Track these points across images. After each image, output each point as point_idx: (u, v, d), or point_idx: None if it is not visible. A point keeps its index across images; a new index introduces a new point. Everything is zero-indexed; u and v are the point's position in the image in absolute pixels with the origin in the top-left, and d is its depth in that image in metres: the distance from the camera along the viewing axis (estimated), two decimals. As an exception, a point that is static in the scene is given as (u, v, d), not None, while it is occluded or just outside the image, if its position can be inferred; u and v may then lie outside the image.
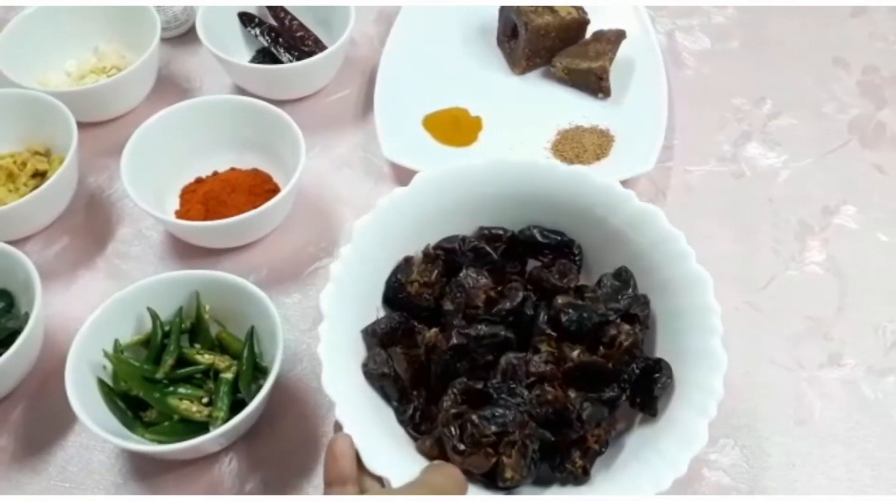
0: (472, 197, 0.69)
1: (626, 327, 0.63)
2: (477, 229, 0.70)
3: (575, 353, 0.62)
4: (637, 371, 0.62)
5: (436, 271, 0.67)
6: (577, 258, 0.69)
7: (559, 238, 0.69)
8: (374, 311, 0.66)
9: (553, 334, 0.64)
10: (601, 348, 0.63)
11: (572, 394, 0.61)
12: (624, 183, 0.82)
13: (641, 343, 0.64)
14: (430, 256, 0.68)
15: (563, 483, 0.61)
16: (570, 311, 0.64)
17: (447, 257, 0.68)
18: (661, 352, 0.64)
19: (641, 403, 0.62)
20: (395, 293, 0.67)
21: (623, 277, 0.67)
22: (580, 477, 0.60)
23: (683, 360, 0.62)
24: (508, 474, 0.57)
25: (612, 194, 0.68)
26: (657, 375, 0.61)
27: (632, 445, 0.61)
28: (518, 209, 0.69)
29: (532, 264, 0.70)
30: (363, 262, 0.65)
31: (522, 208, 0.69)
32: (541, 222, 0.70)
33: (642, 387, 0.62)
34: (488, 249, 0.68)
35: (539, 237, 0.69)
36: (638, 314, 0.65)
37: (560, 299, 0.65)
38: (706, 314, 0.61)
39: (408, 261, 0.68)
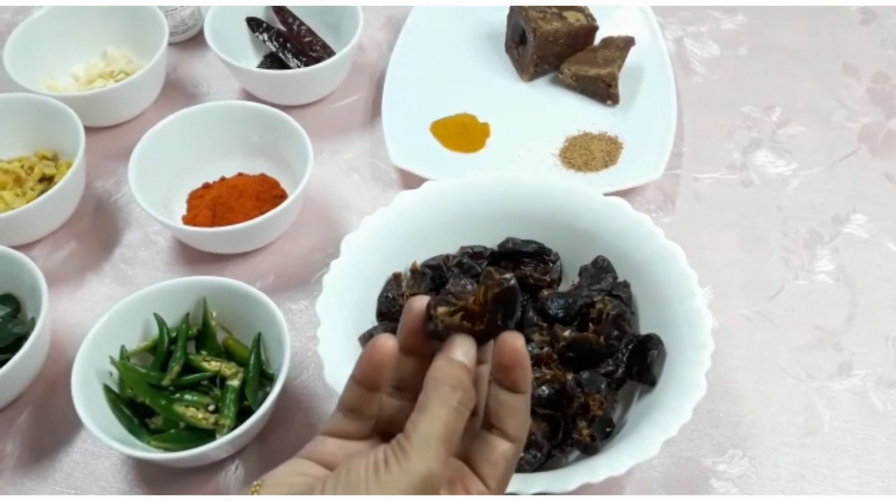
0: (451, 215, 0.73)
1: (611, 299, 0.67)
2: (458, 247, 0.74)
3: (566, 332, 0.65)
4: (629, 348, 0.65)
5: (423, 285, 0.71)
6: (556, 264, 0.73)
7: (536, 246, 0.73)
8: (370, 325, 0.69)
9: (543, 324, 0.68)
10: (590, 325, 0.66)
11: (569, 376, 0.63)
12: (632, 191, 0.83)
13: (628, 318, 0.67)
14: (417, 272, 0.72)
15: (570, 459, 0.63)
16: (556, 299, 0.68)
17: (434, 275, 0.72)
18: (647, 330, 0.67)
19: (638, 374, 0.65)
20: (388, 308, 0.70)
21: (601, 264, 0.71)
22: (589, 446, 0.61)
23: (670, 328, 0.65)
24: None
25: (575, 196, 0.72)
26: (649, 346, 0.65)
27: (635, 416, 0.64)
28: (494, 225, 0.73)
29: None
30: (353, 275, 0.68)
31: (498, 224, 0.73)
32: (515, 235, 0.73)
33: (636, 360, 0.65)
34: (473, 263, 0.72)
35: (518, 247, 0.72)
36: (620, 295, 0.68)
37: (545, 292, 0.69)
38: (683, 281, 0.66)
39: (396, 278, 0.71)
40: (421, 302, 0.46)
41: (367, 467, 0.42)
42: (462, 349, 0.44)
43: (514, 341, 0.45)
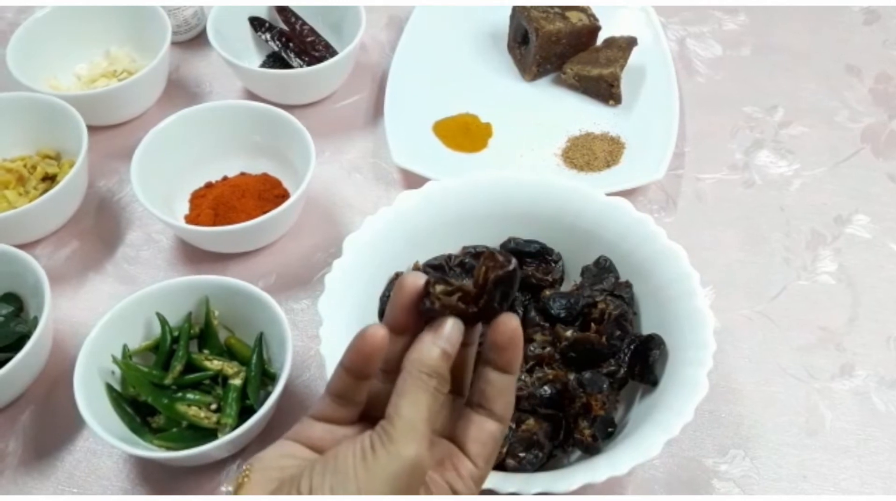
0: (453, 215, 0.73)
1: (613, 299, 0.67)
2: (460, 247, 0.73)
3: (568, 332, 0.65)
4: (631, 348, 0.65)
5: None
6: (558, 264, 0.73)
7: (539, 246, 0.72)
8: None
9: (545, 324, 0.68)
10: (592, 325, 0.66)
11: (571, 376, 0.63)
12: (634, 191, 0.83)
13: (630, 319, 0.67)
14: (419, 272, 0.70)
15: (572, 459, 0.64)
16: (558, 299, 0.68)
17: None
18: (649, 330, 0.67)
19: (640, 374, 0.65)
20: None
21: (603, 264, 0.71)
22: (590, 446, 0.61)
23: (672, 328, 0.65)
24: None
25: (577, 196, 0.72)
26: (650, 346, 0.65)
27: (637, 416, 0.64)
28: (496, 225, 0.73)
29: None
30: (355, 275, 0.68)
31: (500, 224, 0.73)
32: (517, 235, 0.73)
33: (638, 360, 0.65)
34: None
35: (521, 247, 0.72)
36: (622, 295, 0.68)
37: (547, 292, 0.69)
38: (685, 281, 0.66)
39: (398, 277, 0.70)
40: (413, 279, 0.45)
41: (355, 453, 0.42)
42: (447, 332, 0.44)
43: (511, 321, 0.45)
